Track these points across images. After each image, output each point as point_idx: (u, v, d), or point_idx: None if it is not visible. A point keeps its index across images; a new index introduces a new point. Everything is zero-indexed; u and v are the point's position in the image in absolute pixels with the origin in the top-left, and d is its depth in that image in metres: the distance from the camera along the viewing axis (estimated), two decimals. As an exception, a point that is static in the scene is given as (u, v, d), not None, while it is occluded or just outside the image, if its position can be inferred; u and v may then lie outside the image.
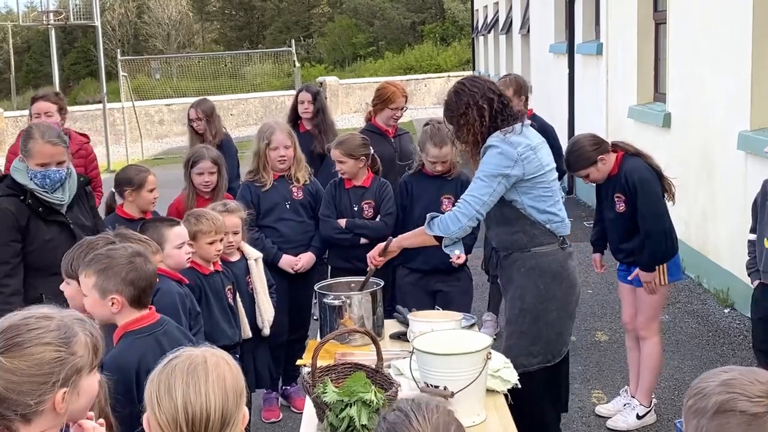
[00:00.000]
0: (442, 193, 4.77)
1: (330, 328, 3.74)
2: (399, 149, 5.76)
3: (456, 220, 3.64)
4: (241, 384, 1.84)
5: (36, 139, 4.04)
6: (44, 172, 4.03)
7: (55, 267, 3.97)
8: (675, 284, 7.20)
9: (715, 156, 6.90)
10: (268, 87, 29.00)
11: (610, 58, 9.89)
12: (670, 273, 4.63)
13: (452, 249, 3.73)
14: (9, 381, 1.79)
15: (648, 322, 4.73)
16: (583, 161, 4.54)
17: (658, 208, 4.50)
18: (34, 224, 4.04)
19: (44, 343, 1.83)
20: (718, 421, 1.64)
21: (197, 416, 1.76)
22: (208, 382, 1.78)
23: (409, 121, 17.29)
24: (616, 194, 4.56)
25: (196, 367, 1.80)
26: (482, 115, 3.64)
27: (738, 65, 6.35)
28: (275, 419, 5.01)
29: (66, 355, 1.85)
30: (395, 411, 1.81)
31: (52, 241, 4.05)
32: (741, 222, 6.31)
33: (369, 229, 4.89)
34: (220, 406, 1.78)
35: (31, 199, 4.04)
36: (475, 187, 3.64)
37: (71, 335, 1.87)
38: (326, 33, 43.45)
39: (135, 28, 45.46)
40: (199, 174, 4.97)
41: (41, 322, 1.85)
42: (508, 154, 3.59)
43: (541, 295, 3.68)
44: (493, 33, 20.11)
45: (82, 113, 21.36)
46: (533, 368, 3.68)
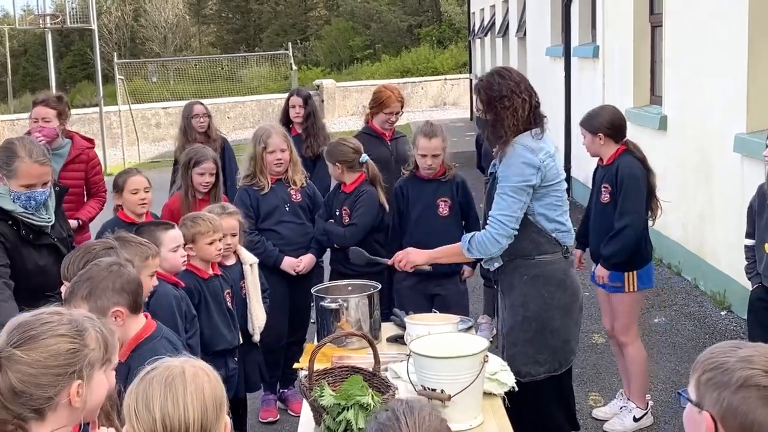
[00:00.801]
0: (438, 196, 4.78)
1: (327, 332, 3.73)
2: (396, 152, 5.78)
3: (495, 242, 3.57)
4: (221, 394, 1.83)
5: (22, 158, 3.73)
6: (29, 194, 3.77)
7: (49, 289, 3.81)
8: (672, 287, 7.26)
9: (711, 159, 6.91)
10: (264, 90, 29.00)
11: (607, 61, 9.90)
12: (640, 281, 4.64)
13: (492, 263, 3.68)
14: (26, 374, 1.81)
15: (625, 328, 4.72)
16: (589, 123, 4.61)
17: (636, 207, 4.51)
18: (26, 251, 3.87)
19: (59, 334, 1.86)
20: (742, 394, 1.70)
21: (175, 428, 1.75)
22: (186, 393, 1.77)
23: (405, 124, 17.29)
24: (604, 184, 4.59)
25: (173, 378, 1.78)
26: (523, 106, 3.58)
27: (734, 68, 6.36)
28: (272, 418, 5.01)
29: (80, 347, 1.88)
30: (387, 411, 1.81)
31: (45, 265, 3.92)
32: (738, 224, 6.31)
33: (333, 235, 4.94)
34: (198, 417, 1.76)
35: (24, 229, 3.79)
36: (506, 205, 3.55)
37: (83, 329, 1.90)
38: (323, 36, 43.51)
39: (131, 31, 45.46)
40: (201, 174, 4.98)
41: (53, 317, 1.89)
42: (531, 162, 3.53)
43: (546, 303, 3.64)
44: (489, 36, 20.14)
45: (79, 116, 21.32)
46: (540, 377, 3.64)
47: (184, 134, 6.57)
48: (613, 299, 4.69)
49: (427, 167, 4.71)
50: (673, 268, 7.73)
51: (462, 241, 3.68)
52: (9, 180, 3.74)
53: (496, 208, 3.57)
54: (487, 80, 3.67)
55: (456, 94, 27.66)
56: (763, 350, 1.77)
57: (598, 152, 4.66)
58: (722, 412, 1.72)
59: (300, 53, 38.49)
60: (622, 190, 4.48)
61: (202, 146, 5.46)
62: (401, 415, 1.77)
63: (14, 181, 3.73)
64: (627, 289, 4.62)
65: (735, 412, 1.71)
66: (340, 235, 4.90)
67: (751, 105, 6.19)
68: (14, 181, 3.73)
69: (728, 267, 6.57)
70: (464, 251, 3.67)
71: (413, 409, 1.80)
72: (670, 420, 4.86)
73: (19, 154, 3.73)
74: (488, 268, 3.79)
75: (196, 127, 6.58)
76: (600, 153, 4.66)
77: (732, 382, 1.72)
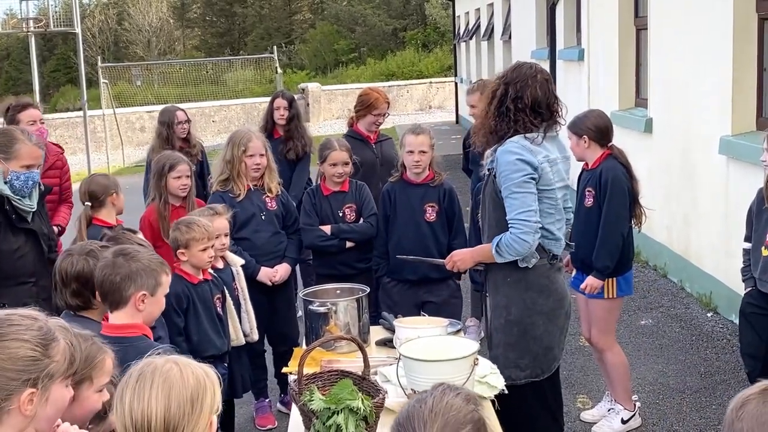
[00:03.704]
0: (426, 201, 4.77)
1: (316, 335, 3.72)
2: (380, 155, 5.77)
3: (521, 242, 3.51)
4: (196, 393, 1.83)
5: (23, 140, 4.06)
6: (27, 174, 4.04)
7: (22, 276, 3.98)
8: (658, 288, 7.28)
9: (697, 161, 6.94)
10: (249, 93, 28.91)
11: (592, 64, 9.94)
12: (619, 287, 4.63)
13: (529, 260, 3.61)
14: None
15: (601, 334, 4.71)
16: (575, 126, 4.61)
17: (620, 211, 4.51)
18: (4, 233, 4.01)
19: (22, 339, 1.84)
20: None
21: (138, 421, 1.79)
22: (152, 388, 1.80)
23: (391, 127, 17.29)
24: (588, 188, 4.59)
25: (145, 374, 1.83)
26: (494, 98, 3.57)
27: (719, 70, 6.39)
28: (271, 426, 4.98)
29: (41, 357, 1.86)
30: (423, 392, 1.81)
31: (20, 249, 4.05)
32: (723, 226, 6.36)
33: (355, 232, 4.93)
34: (161, 413, 1.78)
35: (7, 205, 4.01)
36: (518, 203, 3.50)
37: (51, 339, 1.89)
38: (308, 39, 43.43)
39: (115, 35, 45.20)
40: (177, 178, 4.94)
41: (24, 321, 1.88)
42: (527, 159, 3.50)
43: (527, 308, 3.61)
44: (474, 39, 20.18)
45: (62, 120, 21.25)
46: (521, 382, 3.62)
47: (166, 141, 6.52)
48: (591, 305, 4.68)
49: (414, 164, 4.70)
50: (660, 270, 7.76)
51: (492, 245, 3.60)
52: (9, 162, 4.00)
53: (510, 210, 3.52)
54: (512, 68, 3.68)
55: (441, 98, 27.71)
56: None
57: (583, 156, 4.66)
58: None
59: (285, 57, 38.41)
60: (606, 195, 4.49)
61: (170, 152, 5.43)
62: (430, 398, 1.76)
63: (15, 162, 4.02)
64: (606, 295, 4.61)
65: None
66: (363, 229, 4.91)
67: (735, 107, 6.22)
68: (15, 162, 4.02)
69: (714, 269, 6.60)
70: (495, 256, 3.59)
71: (445, 394, 1.78)
72: (657, 422, 4.87)
73: (19, 137, 4.06)
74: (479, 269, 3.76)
75: (178, 133, 6.55)
76: (585, 156, 4.66)
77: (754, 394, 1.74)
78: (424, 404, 1.75)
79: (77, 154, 17.91)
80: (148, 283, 2.96)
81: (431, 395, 1.78)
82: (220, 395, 1.90)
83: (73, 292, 3.05)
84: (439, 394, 1.78)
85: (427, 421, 1.71)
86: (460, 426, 1.72)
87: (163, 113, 6.71)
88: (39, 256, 4.01)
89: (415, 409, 1.75)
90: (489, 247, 3.64)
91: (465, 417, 1.74)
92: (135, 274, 2.94)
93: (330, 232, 4.90)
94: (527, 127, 3.56)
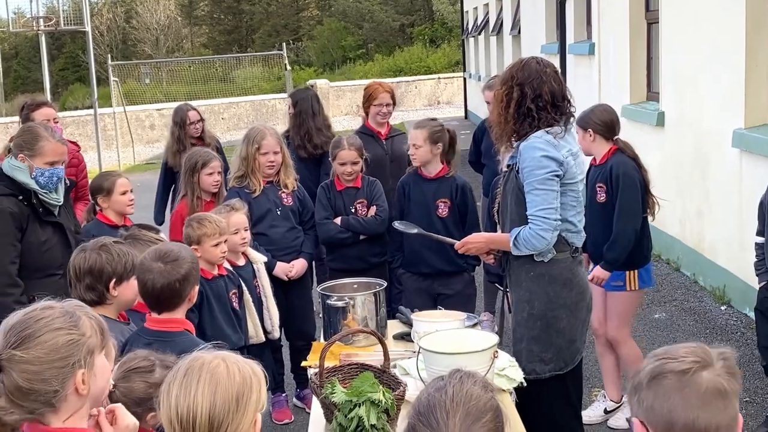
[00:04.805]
0: (438, 197, 4.79)
1: (334, 330, 3.74)
2: (390, 151, 5.79)
3: (540, 238, 3.50)
4: (241, 391, 1.85)
5: (47, 138, 4.10)
6: (52, 170, 4.09)
7: (49, 268, 4.08)
8: (671, 282, 7.28)
9: (709, 154, 6.94)
10: (258, 91, 28.98)
11: (603, 57, 9.92)
12: (641, 279, 4.64)
13: (545, 255, 3.61)
14: (30, 372, 1.85)
15: (619, 327, 4.71)
16: (581, 120, 4.61)
17: (633, 206, 4.51)
18: (32, 225, 4.08)
19: (55, 328, 1.89)
20: (654, 388, 1.70)
21: (184, 417, 1.81)
22: (199, 384, 1.83)
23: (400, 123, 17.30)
24: (599, 184, 4.59)
25: (193, 369, 1.85)
26: (510, 100, 3.54)
27: (731, 63, 6.38)
28: (288, 420, 5.01)
29: (78, 336, 1.91)
30: (441, 380, 1.82)
31: (47, 242, 4.11)
32: (737, 219, 6.35)
33: (362, 225, 4.99)
34: (206, 409, 1.81)
35: (34, 199, 4.07)
36: (540, 200, 3.49)
37: (76, 318, 1.93)
38: (315, 36, 43.45)
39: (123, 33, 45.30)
40: (210, 174, 5.01)
41: (45, 312, 1.92)
42: (552, 156, 3.49)
43: (551, 302, 3.60)
44: (483, 34, 20.15)
45: (73, 119, 21.32)
46: (545, 376, 3.62)
47: (178, 141, 6.56)
48: (611, 298, 4.68)
49: (412, 156, 4.78)
50: (673, 264, 7.75)
51: (510, 237, 3.59)
52: (33, 158, 4.06)
53: (531, 205, 3.52)
54: (512, 66, 3.67)
55: (450, 93, 27.69)
56: (674, 345, 1.76)
57: (590, 150, 4.65)
58: (645, 412, 1.71)
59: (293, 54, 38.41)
60: (618, 190, 4.50)
61: (201, 148, 5.49)
62: (450, 387, 1.77)
63: (39, 158, 4.06)
64: (628, 288, 4.62)
65: (653, 408, 1.69)
66: (369, 223, 4.98)
67: (748, 100, 6.21)
68: (39, 159, 4.06)
69: (727, 262, 6.59)
70: (512, 249, 3.58)
71: (464, 383, 1.79)
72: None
73: (42, 134, 4.11)
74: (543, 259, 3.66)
75: (192, 133, 6.59)
76: (592, 151, 4.66)
77: (644, 380, 1.71)
78: (445, 393, 1.76)
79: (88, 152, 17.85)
80: (197, 276, 3.11)
81: (450, 384, 1.79)
82: (265, 393, 1.93)
83: (87, 287, 3.09)
84: (458, 382, 1.79)
85: (449, 411, 1.72)
86: (481, 415, 1.74)
87: (176, 112, 6.75)
88: (66, 249, 4.05)
89: (435, 398, 1.76)
90: (505, 237, 3.64)
91: (485, 405, 1.76)
92: (189, 275, 3.05)
93: (340, 225, 4.97)
94: (550, 123, 3.55)
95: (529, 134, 3.55)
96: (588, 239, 4.62)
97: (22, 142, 4.11)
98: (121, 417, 2.04)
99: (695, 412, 1.66)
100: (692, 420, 1.66)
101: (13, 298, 3.95)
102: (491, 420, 1.74)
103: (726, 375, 1.69)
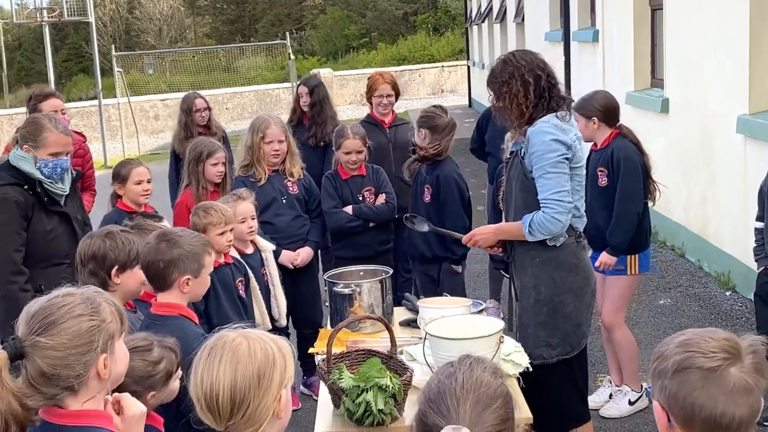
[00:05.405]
0: (425, 183, 4.83)
1: (341, 317, 3.77)
2: (394, 139, 5.81)
3: (555, 221, 3.51)
4: (263, 367, 1.88)
5: (50, 129, 4.11)
6: (56, 161, 4.11)
7: (55, 257, 4.12)
8: (676, 268, 7.30)
9: (714, 140, 6.94)
10: (262, 80, 28.95)
11: (607, 44, 9.91)
12: (641, 264, 4.66)
13: (557, 240, 3.60)
14: (53, 358, 1.88)
15: (614, 312, 4.72)
16: (582, 108, 4.61)
17: (635, 189, 4.52)
18: (37, 215, 4.11)
19: (77, 315, 1.93)
20: (679, 378, 1.71)
21: (208, 393, 1.86)
22: (221, 362, 1.87)
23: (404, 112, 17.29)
24: (600, 168, 4.60)
25: (216, 347, 1.90)
26: (527, 89, 3.53)
27: (736, 49, 6.37)
28: (295, 407, 5.03)
29: (99, 322, 1.95)
30: (450, 367, 1.83)
31: (53, 231, 4.15)
32: (741, 205, 6.36)
33: (375, 213, 5.02)
34: (228, 386, 1.85)
35: (39, 188, 4.10)
36: (552, 183, 3.50)
37: (97, 304, 1.97)
38: (318, 25, 43.35)
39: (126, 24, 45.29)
40: (215, 165, 5.01)
41: (67, 299, 1.95)
42: (561, 139, 3.50)
43: (557, 287, 3.62)
44: (487, 22, 20.10)
45: (77, 110, 21.34)
46: (552, 360, 3.64)
47: (185, 128, 6.59)
48: (610, 282, 4.69)
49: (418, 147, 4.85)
50: (677, 250, 7.77)
51: (523, 224, 3.59)
52: (37, 150, 4.08)
53: (543, 189, 3.52)
54: (491, 69, 3.70)
55: (453, 81, 27.64)
56: (704, 334, 1.76)
57: (593, 137, 4.66)
58: (667, 399, 1.73)
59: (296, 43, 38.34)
60: (619, 174, 4.50)
61: (206, 138, 5.50)
62: (460, 374, 1.79)
63: (43, 150, 4.09)
64: (629, 272, 4.64)
65: (676, 398, 1.71)
66: (382, 210, 5.04)
67: (753, 85, 6.20)
68: (42, 150, 4.09)
69: (732, 247, 6.60)
70: (526, 235, 3.58)
71: (474, 369, 1.80)
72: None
73: (46, 126, 4.13)
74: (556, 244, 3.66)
75: (198, 120, 6.62)
76: (594, 137, 4.66)
77: (669, 368, 1.72)
78: (455, 380, 1.77)
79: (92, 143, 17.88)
80: (191, 267, 3.09)
81: (460, 370, 1.80)
82: (292, 368, 1.95)
83: (90, 273, 3.11)
84: (468, 369, 1.80)
85: (460, 398, 1.74)
86: (491, 401, 1.75)
87: (183, 100, 6.80)
88: (72, 238, 4.09)
89: (445, 385, 1.77)
90: (514, 225, 3.65)
91: (495, 392, 1.77)
92: (177, 260, 3.06)
93: (351, 213, 5.00)
94: (560, 104, 3.59)
95: (538, 118, 3.57)
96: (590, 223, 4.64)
97: (27, 134, 4.15)
98: (128, 406, 2.07)
99: (719, 408, 1.67)
100: (715, 415, 1.68)
101: (18, 285, 4.00)
102: (501, 406, 1.76)
103: (753, 371, 1.70)
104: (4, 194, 4.04)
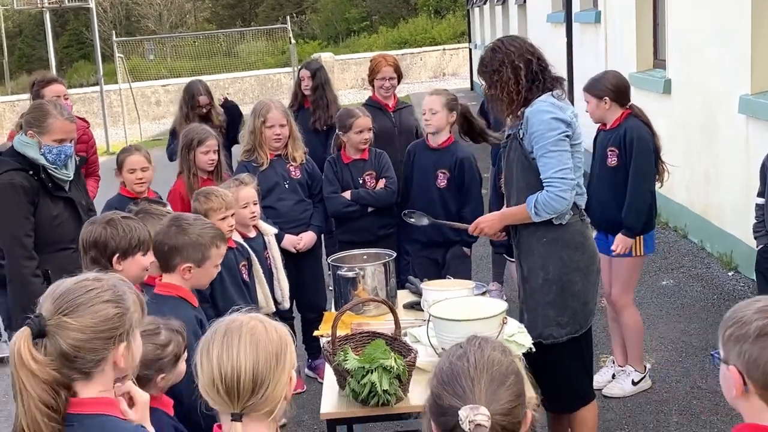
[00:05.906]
0: (438, 167, 4.84)
1: (345, 300, 3.79)
2: (399, 123, 5.81)
3: (560, 199, 3.52)
4: (279, 348, 1.90)
5: (55, 115, 4.14)
6: (60, 148, 4.14)
7: (61, 242, 4.16)
8: (678, 249, 7.31)
9: (716, 120, 6.93)
10: (262, 65, 28.86)
11: (609, 26, 9.88)
12: (646, 245, 4.67)
13: (563, 218, 3.62)
14: (77, 339, 1.89)
15: (623, 293, 4.75)
16: (594, 88, 4.62)
17: (648, 168, 4.54)
18: (43, 200, 4.15)
19: (104, 300, 1.93)
20: (761, 344, 1.75)
21: (228, 376, 1.84)
22: (241, 343, 1.86)
23: (405, 96, 17.28)
24: (611, 148, 4.60)
25: (232, 330, 1.89)
26: (517, 75, 3.55)
27: (738, 29, 6.35)
28: (300, 390, 5.07)
29: (124, 311, 1.96)
30: (460, 349, 1.85)
31: (58, 217, 4.19)
32: (743, 185, 6.36)
33: (373, 198, 5.02)
34: (250, 367, 1.85)
35: (44, 174, 4.13)
36: (554, 162, 3.51)
37: (122, 293, 1.98)
38: (319, 9, 43.14)
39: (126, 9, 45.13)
40: (205, 153, 4.97)
41: (95, 284, 1.96)
42: (560, 117, 3.52)
43: (565, 266, 3.64)
44: (488, 4, 20.03)
45: (78, 96, 21.30)
46: (563, 339, 3.67)
47: (186, 118, 6.58)
48: (617, 264, 4.71)
49: (425, 123, 4.83)
50: (680, 231, 7.78)
51: (527, 205, 3.60)
52: (41, 136, 4.11)
53: (546, 168, 3.53)
54: (481, 57, 3.72)
55: (455, 64, 27.55)
56: None
57: (603, 117, 4.66)
58: (746, 364, 1.77)
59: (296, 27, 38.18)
60: (632, 153, 4.50)
61: (199, 125, 5.46)
62: (471, 354, 1.81)
63: (47, 136, 4.11)
64: (635, 254, 4.66)
65: (756, 363, 1.75)
66: (381, 195, 5.01)
67: (755, 66, 6.20)
68: (47, 137, 4.11)
69: (734, 228, 6.61)
70: (532, 215, 3.59)
71: (484, 349, 1.83)
72: (681, 379, 4.93)
73: (51, 112, 4.15)
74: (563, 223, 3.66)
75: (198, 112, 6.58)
76: (605, 118, 4.67)
77: (750, 333, 1.76)
78: (467, 361, 1.80)
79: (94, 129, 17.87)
80: (194, 256, 3.14)
81: (470, 350, 1.83)
82: (295, 352, 1.97)
83: (92, 259, 3.12)
84: (478, 348, 1.83)
85: (474, 377, 1.77)
86: (505, 379, 1.79)
87: (186, 90, 6.77)
88: (77, 223, 4.10)
89: (458, 366, 1.80)
90: (517, 209, 3.67)
91: (507, 369, 1.81)
92: (181, 247, 3.12)
93: (350, 198, 4.99)
94: (554, 84, 3.61)
95: (535, 99, 3.58)
96: (596, 204, 4.66)
97: (32, 119, 4.17)
98: (137, 396, 2.08)
99: None
100: None
101: (29, 270, 4.04)
102: (514, 383, 1.80)
103: None
104: (11, 180, 4.07)
